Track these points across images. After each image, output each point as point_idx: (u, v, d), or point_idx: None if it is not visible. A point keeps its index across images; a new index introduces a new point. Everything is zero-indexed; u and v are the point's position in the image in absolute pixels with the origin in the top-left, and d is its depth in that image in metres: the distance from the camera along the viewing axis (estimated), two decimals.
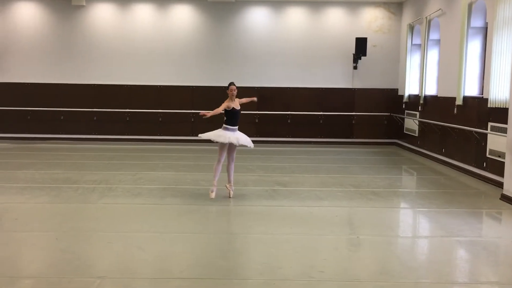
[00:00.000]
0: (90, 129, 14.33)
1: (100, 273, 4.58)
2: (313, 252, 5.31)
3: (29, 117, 14.22)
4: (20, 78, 14.23)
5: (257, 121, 14.34)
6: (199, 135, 7.36)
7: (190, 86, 14.27)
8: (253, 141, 7.65)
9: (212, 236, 5.79)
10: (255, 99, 7.88)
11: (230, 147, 7.37)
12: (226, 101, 7.34)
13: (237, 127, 7.39)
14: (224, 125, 7.31)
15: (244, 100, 7.68)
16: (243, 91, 14.19)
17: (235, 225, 6.20)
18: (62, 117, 14.20)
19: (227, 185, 7.56)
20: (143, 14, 14.24)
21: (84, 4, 14.02)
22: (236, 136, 7.27)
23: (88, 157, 11.39)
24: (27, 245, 5.42)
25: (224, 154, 7.37)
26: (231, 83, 7.43)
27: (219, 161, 7.34)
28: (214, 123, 8.15)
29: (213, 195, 7.35)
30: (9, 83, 14.21)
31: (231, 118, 7.31)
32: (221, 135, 7.17)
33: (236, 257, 5.09)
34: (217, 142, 7.23)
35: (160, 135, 14.27)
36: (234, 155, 7.52)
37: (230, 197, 7.47)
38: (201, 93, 14.18)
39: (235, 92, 7.36)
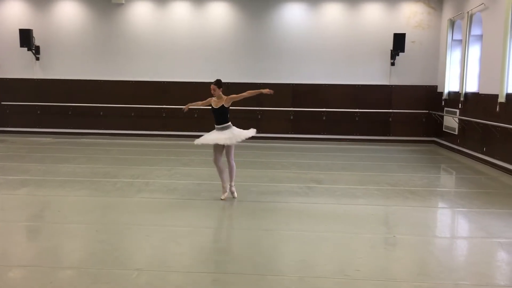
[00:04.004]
0: (128, 124, 14.64)
1: (138, 265, 4.68)
2: (348, 250, 5.26)
3: (70, 113, 14.66)
4: (61, 74, 14.69)
5: (292, 118, 14.30)
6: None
7: (226, 82, 14.30)
8: (288, 138, 7.57)
9: (247, 232, 5.81)
10: (264, 91, 7.20)
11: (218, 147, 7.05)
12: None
13: (221, 125, 7.03)
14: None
15: (236, 96, 7.18)
16: (278, 87, 14.21)
17: (270, 221, 6.20)
18: (101, 113, 14.57)
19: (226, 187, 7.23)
20: (180, 11, 14.41)
21: (123, 2, 14.31)
22: (215, 137, 6.95)
23: (126, 152, 11.64)
24: (68, 237, 5.59)
25: (216, 154, 7.07)
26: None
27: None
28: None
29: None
30: (51, 79, 14.69)
31: (214, 117, 7.16)
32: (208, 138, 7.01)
33: (271, 254, 5.09)
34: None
35: (195, 131, 14.40)
36: (228, 155, 7.08)
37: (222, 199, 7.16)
38: (237, 89, 14.17)
39: (212, 90, 7.15)
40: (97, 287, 4.19)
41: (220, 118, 7.10)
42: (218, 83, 7.26)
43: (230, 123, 7.16)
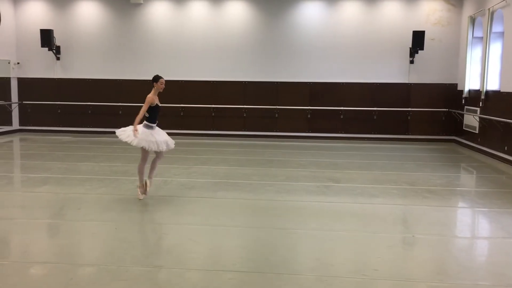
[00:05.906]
0: None
1: (156, 262, 4.72)
2: (366, 250, 5.22)
3: (90, 112, 14.87)
4: (81, 74, 14.91)
5: (309, 116, 14.25)
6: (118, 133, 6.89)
7: (242, 81, 14.38)
8: (305, 137, 7.54)
9: (263, 230, 5.82)
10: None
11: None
12: (151, 96, 6.90)
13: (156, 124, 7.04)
14: (146, 122, 6.94)
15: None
16: (295, 86, 14.23)
17: (287, 220, 6.20)
18: (120, 112, 14.73)
19: (148, 181, 7.04)
20: (198, 10, 14.49)
21: (142, 2, 14.44)
22: (163, 139, 6.94)
23: None
24: (88, 234, 5.68)
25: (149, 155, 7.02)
26: (160, 76, 7.00)
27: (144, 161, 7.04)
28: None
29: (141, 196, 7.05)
30: (72, 79, 14.92)
31: (154, 115, 6.99)
32: (151, 140, 6.76)
33: (287, 252, 5.09)
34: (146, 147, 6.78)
35: (212, 129, 14.49)
36: (161, 156, 7.15)
37: (145, 194, 7.06)
38: (253, 88, 14.27)
39: (163, 87, 6.97)
40: (116, 284, 4.25)
41: (157, 116, 7.08)
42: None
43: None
